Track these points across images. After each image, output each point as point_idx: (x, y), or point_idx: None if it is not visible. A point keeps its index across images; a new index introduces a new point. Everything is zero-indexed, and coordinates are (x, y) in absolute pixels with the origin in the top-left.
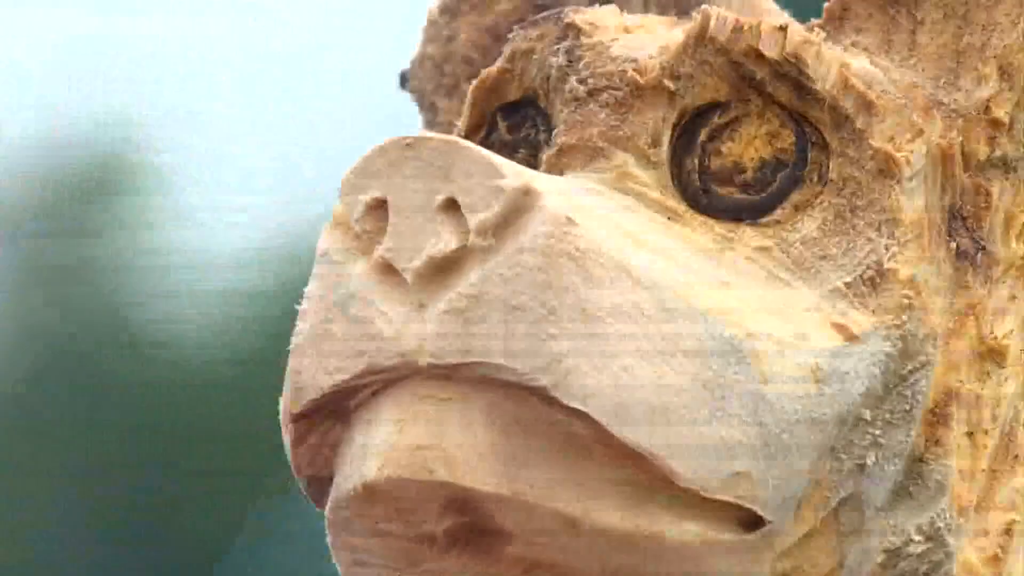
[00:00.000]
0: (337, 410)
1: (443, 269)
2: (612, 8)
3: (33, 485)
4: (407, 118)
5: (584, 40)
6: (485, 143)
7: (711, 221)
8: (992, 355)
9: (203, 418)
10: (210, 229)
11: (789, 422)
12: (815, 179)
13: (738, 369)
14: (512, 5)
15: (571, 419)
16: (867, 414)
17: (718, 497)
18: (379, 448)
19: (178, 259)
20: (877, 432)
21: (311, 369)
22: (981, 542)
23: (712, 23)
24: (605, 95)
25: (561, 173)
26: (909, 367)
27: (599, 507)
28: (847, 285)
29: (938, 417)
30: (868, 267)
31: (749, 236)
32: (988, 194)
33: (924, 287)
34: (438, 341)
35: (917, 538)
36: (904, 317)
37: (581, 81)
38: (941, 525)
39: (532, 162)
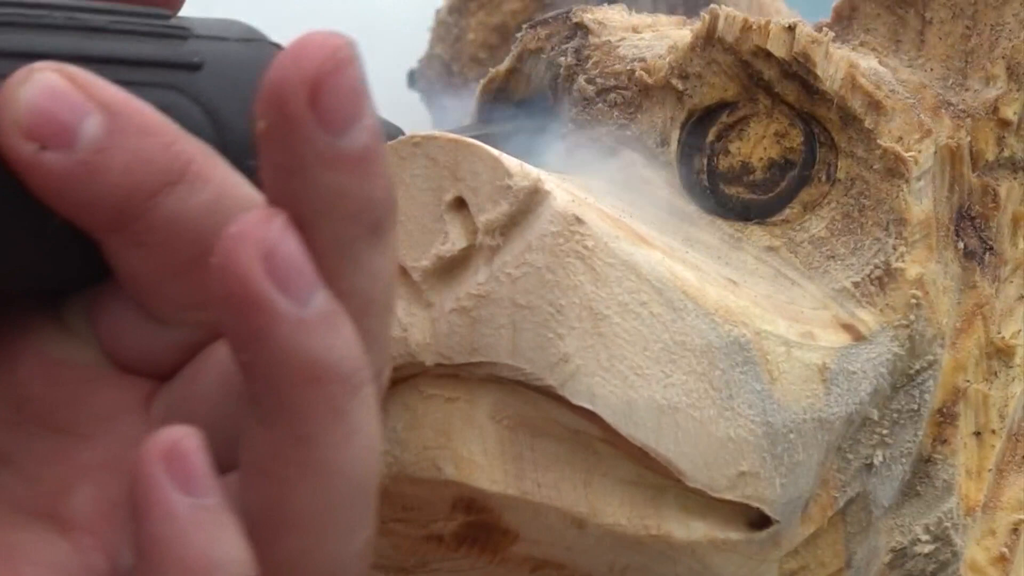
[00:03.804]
0: None
1: (451, 268)
2: (620, 7)
3: None
4: (416, 117)
5: (592, 39)
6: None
7: (719, 220)
8: (1000, 355)
9: None
10: None
11: (796, 422)
12: (823, 179)
13: (746, 369)
14: (520, 4)
15: (579, 418)
16: (874, 414)
17: (725, 497)
18: (387, 447)
19: None
20: (884, 432)
21: None
22: (988, 542)
23: (720, 23)
24: (613, 94)
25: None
26: (916, 367)
27: (606, 506)
28: (855, 285)
29: (945, 417)
30: (876, 267)
31: (757, 235)
32: (996, 194)
33: (932, 287)
34: (445, 340)
35: (924, 538)
36: (912, 317)
37: (589, 80)
38: (948, 525)
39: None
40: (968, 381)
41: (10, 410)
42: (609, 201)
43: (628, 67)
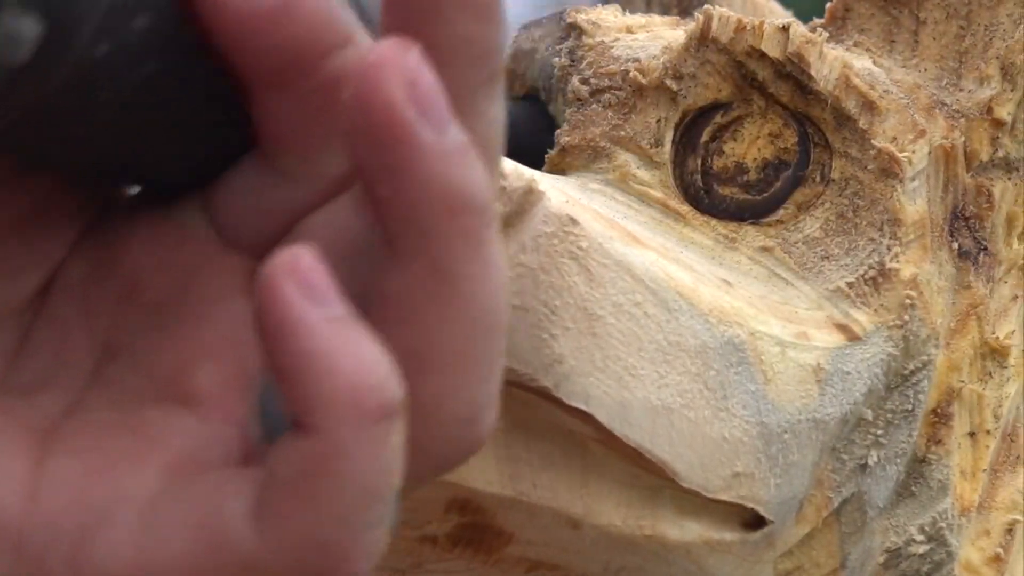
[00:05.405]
0: None
1: None
2: (614, 8)
3: None
4: None
5: (586, 40)
6: None
7: (713, 221)
8: (994, 355)
9: None
10: None
11: (791, 422)
12: (817, 179)
13: (740, 369)
14: None
15: (573, 419)
16: (869, 414)
17: (720, 497)
18: None
19: None
20: (879, 432)
21: None
22: (983, 542)
23: (714, 23)
24: (607, 95)
25: (564, 173)
26: (911, 367)
27: (601, 507)
28: (849, 285)
29: (940, 417)
30: (870, 267)
31: (751, 236)
32: (990, 194)
33: (926, 287)
34: None
35: (919, 538)
36: (906, 317)
37: (583, 81)
38: (943, 525)
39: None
40: (962, 381)
41: (117, 301)
42: (603, 201)
43: (622, 68)
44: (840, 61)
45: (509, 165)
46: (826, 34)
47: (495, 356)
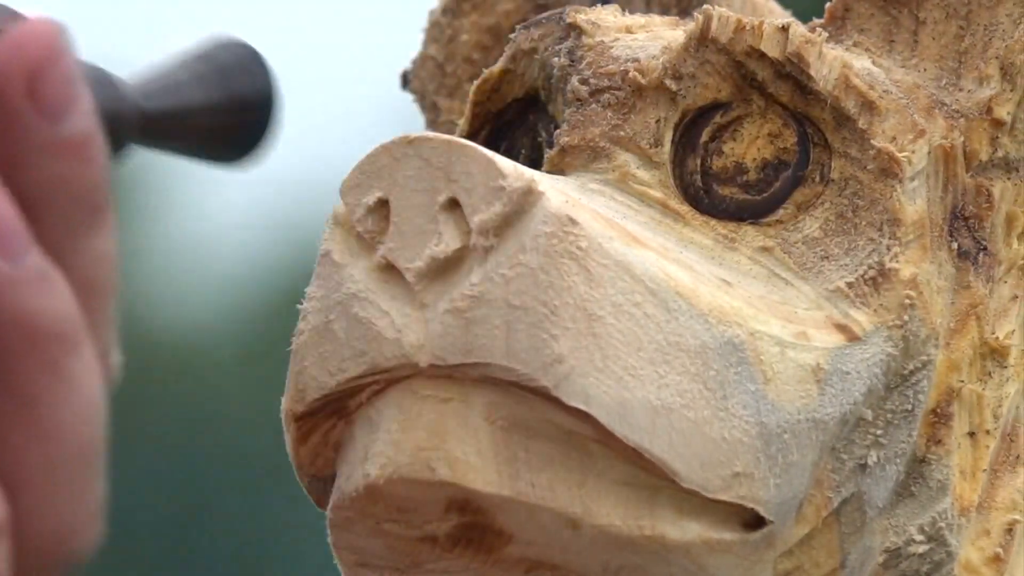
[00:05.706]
0: (339, 410)
1: (444, 269)
2: (614, 8)
3: None
4: (409, 118)
5: (586, 40)
6: (487, 143)
7: (713, 221)
8: (994, 355)
9: (206, 416)
10: (216, 227)
11: (791, 422)
12: (817, 179)
13: (740, 369)
14: (514, 5)
15: (573, 419)
16: (868, 414)
17: (719, 497)
18: (381, 448)
19: (183, 258)
20: (879, 432)
21: (313, 369)
22: (983, 542)
23: (714, 23)
24: (607, 95)
25: (563, 173)
26: (910, 367)
27: (600, 507)
28: (849, 285)
29: (939, 417)
30: (870, 267)
31: (751, 236)
32: (990, 194)
33: (926, 287)
34: (439, 341)
35: (919, 538)
36: (906, 317)
37: (583, 81)
38: (943, 525)
39: (534, 162)
40: (962, 381)
41: None
42: (603, 202)
43: (622, 68)
44: (840, 61)
45: (509, 165)
46: (825, 34)
47: (86, 477)
